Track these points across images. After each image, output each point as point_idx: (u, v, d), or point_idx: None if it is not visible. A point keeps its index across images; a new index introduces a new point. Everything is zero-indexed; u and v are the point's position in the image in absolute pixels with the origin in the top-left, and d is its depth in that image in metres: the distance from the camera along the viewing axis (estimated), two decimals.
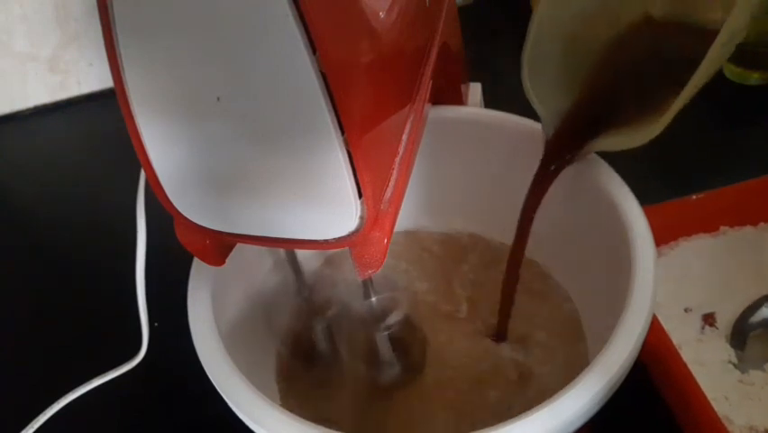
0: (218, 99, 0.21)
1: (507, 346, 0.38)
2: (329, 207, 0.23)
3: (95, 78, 0.69)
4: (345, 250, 0.25)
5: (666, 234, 0.42)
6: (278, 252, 0.37)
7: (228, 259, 0.29)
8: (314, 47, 0.20)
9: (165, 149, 0.23)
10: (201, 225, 0.26)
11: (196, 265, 0.32)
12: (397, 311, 0.34)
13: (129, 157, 0.24)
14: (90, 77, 0.69)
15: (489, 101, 0.48)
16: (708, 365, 0.37)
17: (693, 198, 0.42)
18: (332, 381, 0.37)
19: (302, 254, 0.35)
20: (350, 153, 0.22)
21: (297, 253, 0.35)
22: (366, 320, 0.34)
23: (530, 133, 0.35)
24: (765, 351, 0.37)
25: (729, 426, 0.34)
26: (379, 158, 0.25)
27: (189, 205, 0.25)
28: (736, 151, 0.52)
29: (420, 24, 0.31)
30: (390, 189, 0.26)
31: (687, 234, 0.43)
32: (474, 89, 0.47)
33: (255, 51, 0.20)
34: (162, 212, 0.26)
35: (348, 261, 0.26)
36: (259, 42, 0.20)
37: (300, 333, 0.38)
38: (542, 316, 0.38)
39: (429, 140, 0.33)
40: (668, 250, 0.42)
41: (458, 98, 0.43)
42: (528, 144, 0.34)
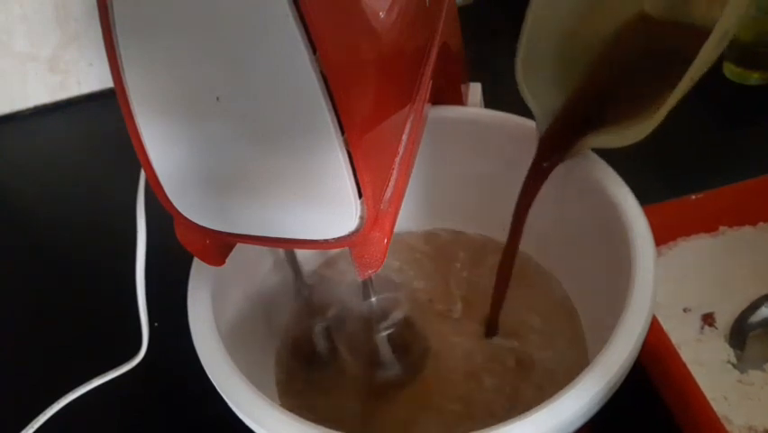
0: (218, 99, 0.21)
1: (504, 340, 0.38)
2: (329, 207, 0.23)
3: (95, 78, 0.69)
4: (345, 250, 0.25)
5: (665, 234, 0.42)
6: (278, 252, 0.37)
7: (228, 259, 0.29)
8: (314, 47, 0.20)
9: (165, 149, 0.23)
10: (201, 225, 0.26)
11: (196, 265, 0.32)
12: (396, 311, 0.34)
13: (129, 157, 0.24)
14: (90, 77, 0.69)
15: (489, 101, 0.48)
16: (708, 365, 0.37)
17: (692, 197, 0.42)
18: (331, 381, 0.37)
19: (302, 254, 0.35)
20: (350, 153, 0.22)
21: (297, 253, 0.35)
22: (366, 320, 0.34)
23: (530, 133, 0.35)
24: (764, 351, 0.37)
25: (728, 426, 0.34)
26: (379, 158, 0.25)
27: (189, 205, 0.25)
28: (736, 151, 0.52)
29: (420, 24, 0.31)
30: (390, 189, 0.26)
31: (686, 234, 0.43)
32: (474, 89, 0.47)
33: (255, 51, 0.20)
34: (162, 212, 0.26)
35: (348, 261, 0.26)
36: (259, 42, 0.20)
37: (300, 333, 0.38)
38: (540, 311, 0.39)
39: (429, 140, 0.33)
40: (667, 250, 0.42)
41: (458, 98, 0.43)
42: (528, 144, 0.34)
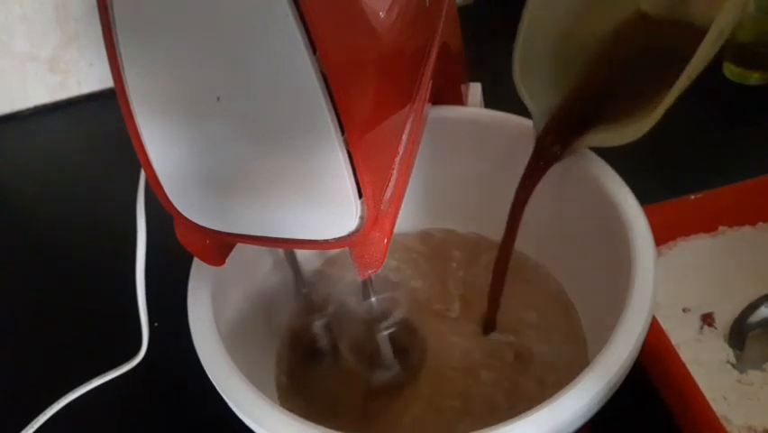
0: (218, 99, 0.21)
1: (502, 336, 0.38)
2: (329, 207, 0.23)
3: (95, 78, 0.69)
4: (345, 250, 0.25)
5: (665, 234, 0.42)
6: (278, 252, 0.37)
7: (228, 259, 0.29)
8: (314, 47, 0.20)
9: (165, 149, 0.23)
10: (201, 225, 0.26)
11: (196, 265, 0.32)
12: (396, 311, 0.34)
13: (129, 157, 0.24)
14: (90, 77, 0.69)
15: (489, 101, 0.48)
16: (707, 365, 0.37)
17: (692, 197, 0.42)
18: (332, 380, 0.37)
19: (302, 254, 0.35)
20: (350, 153, 0.22)
21: (297, 253, 0.35)
22: (366, 320, 0.34)
23: (530, 133, 0.35)
24: (764, 351, 0.37)
25: (728, 426, 0.34)
26: (379, 158, 0.25)
27: (189, 205, 0.25)
28: (736, 151, 0.52)
29: (420, 24, 0.31)
30: (390, 189, 0.26)
31: (685, 234, 0.43)
32: (474, 89, 0.47)
33: (255, 51, 0.20)
34: (162, 212, 0.26)
35: (348, 261, 0.26)
36: (259, 42, 0.20)
37: (300, 333, 0.38)
38: (537, 307, 0.39)
39: (429, 140, 0.33)
40: (666, 250, 0.42)
41: (458, 98, 0.43)
42: (528, 144, 0.34)
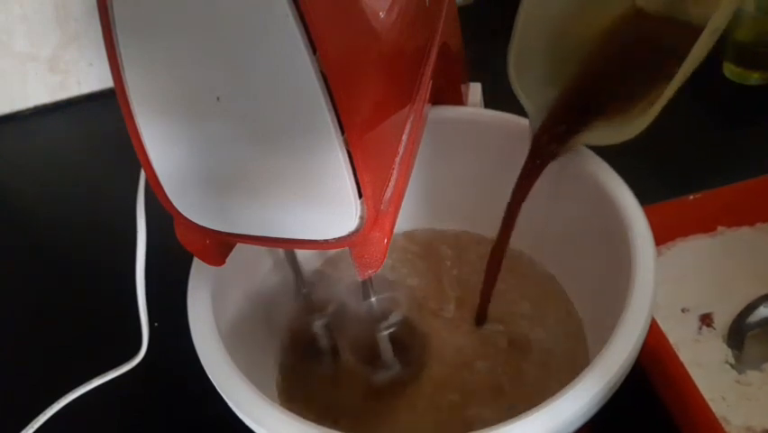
0: (218, 99, 0.21)
1: (498, 329, 0.38)
2: (329, 207, 0.23)
3: (95, 78, 0.69)
4: (345, 250, 0.25)
5: (663, 235, 0.42)
6: (278, 252, 0.37)
7: (228, 259, 0.29)
8: (314, 47, 0.20)
9: (165, 149, 0.23)
10: (201, 225, 0.26)
11: (196, 265, 0.32)
12: (396, 311, 0.34)
13: (129, 157, 0.24)
14: (90, 77, 0.69)
15: (489, 101, 0.48)
16: (706, 366, 0.37)
17: (690, 198, 0.42)
18: (332, 380, 0.37)
19: (302, 254, 0.35)
20: (350, 153, 0.22)
21: (297, 253, 0.35)
22: (366, 320, 0.34)
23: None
24: (763, 351, 0.37)
25: (727, 426, 0.34)
26: (380, 158, 0.25)
27: (189, 205, 0.25)
28: (736, 151, 0.52)
29: (420, 24, 0.31)
30: (390, 189, 0.26)
31: (684, 235, 0.43)
32: (474, 89, 0.47)
33: (255, 51, 0.20)
34: (162, 212, 0.26)
35: (348, 261, 0.26)
36: (259, 42, 0.20)
37: (300, 333, 0.38)
38: (532, 299, 0.39)
39: (429, 140, 0.33)
40: (665, 250, 0.42)
41: (458, 98, 0.43)
42: (528, 144, 0.34)
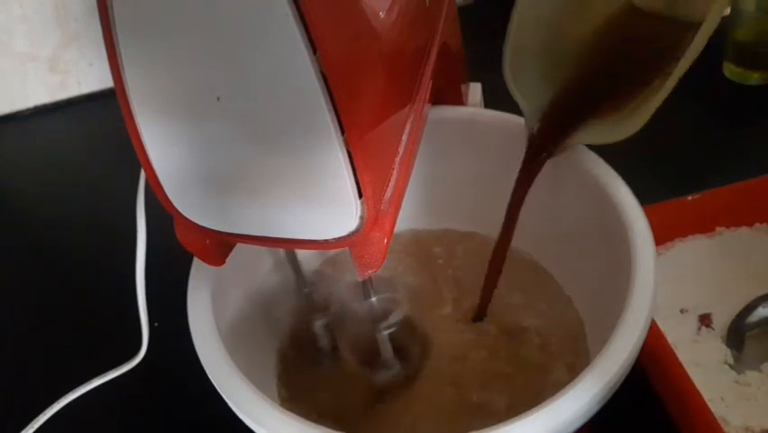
0: (218, 99, 0.21)
1: (498, 327, 0.38)
2: (329, 207, 0.23)
3: (95, 78, 0.69)
4: (345, 250, 0.25)
5: (662, 235, 0.42)
6: (278, 252, 0.37)
7: (228, 259, 0.29)
8: (314, 47, 0.20)
9: (165, 149, 0.23)
10: (201, 225, 0.26)
11: (196, 265, 0.32)
12: (397, 311, 0.34)
13: (129, 157, 0.24)
14: (90, 77, 0.69)
15: (489, 101, 0.48)
16: (705, 366, 0.37)
17: (689, 198, 0.42)
18: (332, 380, 0.37)
19: (302, 254, 0.35)
20: (350, 153, 0.22)
21: (297, 252, 0.35)
22: (366, 320, 0.34)
23: None
24: (761, 351, 0.37)
25: (725, 427, 0.34)
26: (380, 158, 0.25)
27: (189, 205, 0.25)
28: (736, 151, 0.52)
29: (420, 24, 0.31)
30: (390, 189, 0.26)
31: (683, 235, 0.43)
32: (474, 89, 0.47)
33: (255, 51, 0.20)
34: (162, 212, 0.26)
35: (348, 261, 0.26)
36: (259, 42, 0.20)
37: (300, 333, 0.38)
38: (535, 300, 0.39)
39: (429, 140, 0.33)
40: (664, 250, 0.42)
41: (458, 98, 0.43)
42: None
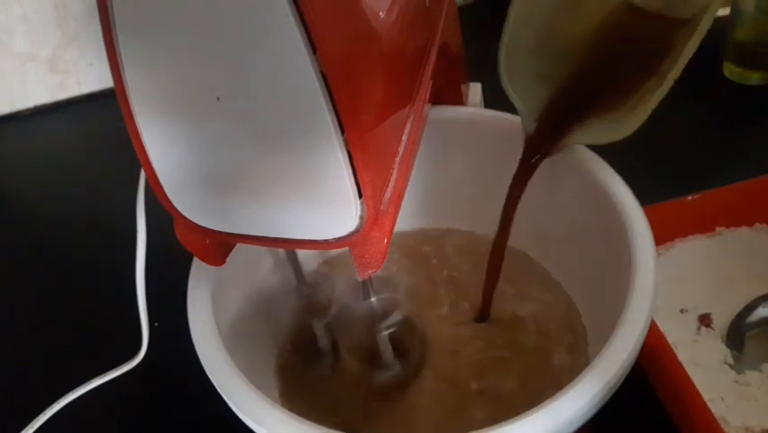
0: (218, 99, 0.21)
1: (498, 326, 0.38)
2: (329, 207, 0.23)
3: (95, 78, 0.69)
4: (345, 250, 0.25)
5: (662, 235, 0.42)
6: (278, 252, 0.37)
7: (228, 259, 0.29)
8: (314, 47, 0.20)
9: (165, 149, 0.23)
10: (201, 225, 0.26)
11: (196, 265, 0.32)
12: (396, 311, 0.34)
13: (129, 157, 0.24)
14: (90, 77, 0.69)
15: (489, 101, 0.48)
16: (705, 366, 0.37)
17: (689, 198, 0.42)
18: (332, 380, 0.37)
19: (302, 254, 0.35)
20: (350, 153, 0.22)
21: (297, 252, 0.35)
22: (366, 320, 0.34)
23: None
24: (761, 351, 0.37)
25: (725, 427, 0.34)
26: (379, 158, 0.25)
27: (189, 205, 0.25)
28: (736, 151, 0.52)
29: (420, 24, 0.31)
30: (390, 189, 0.26)
31: (683, 235, 0.43)
32: (474, 89, 0.47)
33: (255, 51, 0.20)
34: (162, 212, 0.26)
35: (348, 261, 0.26)
36: (259, 42, 0.20)
37: (300, 333, 0.38)
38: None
39: (429, 140, 0.33)
40: (664, 250, 0.42)
41: (458, 98, 0.43)
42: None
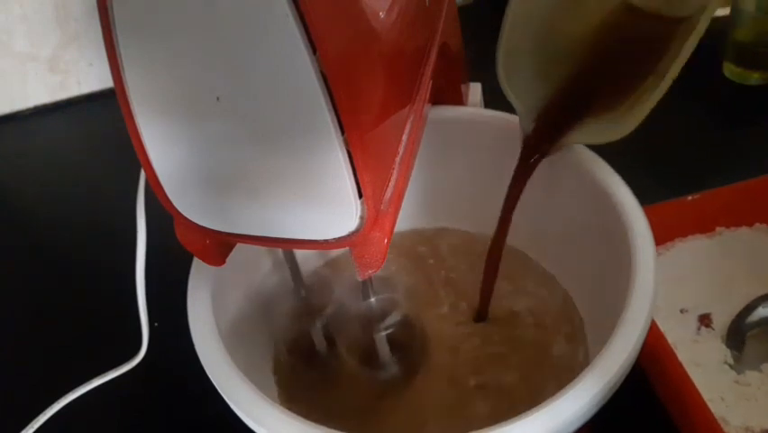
0: (218, 99, 0.21)
1: (496, 324, 0.38)
2: (329, 207, 0.23)
3: (95, 78, 0.69)
4: (345, 250, 0.25)
5: (662, 235, 0.42)
6: (277, 252, 0.37)
7: (228, 259, 0.29)
8: (314, 47, 0.20)
9: (165, 149, 0.23)
10: (201, 225, 0.26)
11: (196, 265, 0.32)
12: (396, 311, 0.34)
13: (129, 157, 0.24)
14: (90, 77, 0.69)
15: (489, 101, 0.48)
16: (705, 366, 0.37)
17: (689, 198, 0.42)
18: (331, 380, 0.37)
19: (301, 255, 0.35)
20: (350, 153, 0.22)
21: (297, 253, 0.35)
22: (365, 320, 0.34)
23: None
24: (761, 351, 0.37)
25: (725, 426, 0.34)
26: (380, 158, 0.25)
27: (189, 205, 0.25)
28: (736, 151, 0.52)
29: (420, 24, 0.31)
30: (390, 189, 0.26)
31: (683, 235, 0.43)
32: (474, 89, 0.47)
33: (255, 51, 0.20)
34: (162, 212, 0.26)
35: (347, 261, 0.26)
36: (259, 42, 0.20)
37: (300, 333, 0.38)
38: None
39: (429, 140, 0.33)
40: (664, 250, 0.42)
41: (458, 98, 0.43)
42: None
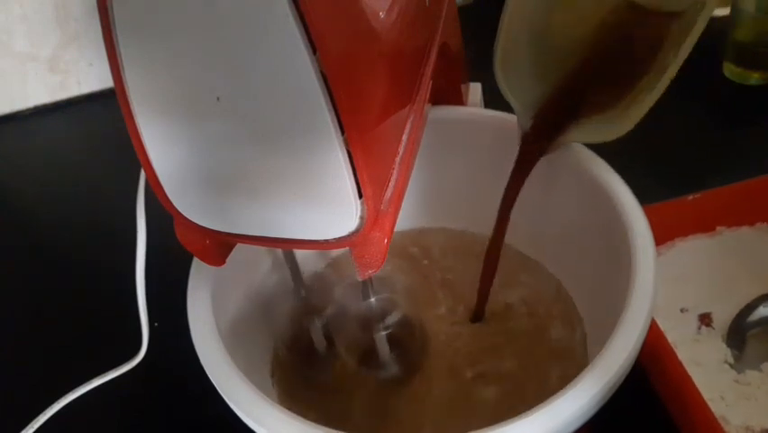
0: (218, 99, 0.21)
1: (494, 323, 0.39)
2: (329, 207, 0.23)
3: (95, 78, 0.69)
4: (345, 251, 0.25)
5: (663, 235, 0.42)
6: (277, 252, 0.37)
7: (228, 259, 0.29)
8: (314, 47, 0.20)
9: (165, 149, 0.23)
10: (201, 225, 0.26)
11: (196, 265, 0.32)
12: (396, 311, 0.34)
13: (129, 157, 0.24)
14: (90, 77, 0.69)
15: (489, 101, 0.48)
16: (705, 365, 0.37)
17: (690, 198, 0.42)
18: (331, 380, 0.37)
19: (301, 254, 0.35)
20: (350, 153, 0.22)
21: (297, 253, 0.35)
22: (365, 320, 0.34)
23: None
24: (762, 351, 0.37)
25: (726, 426, 0.34)
26: (380, 158, 0.25)
27: (189, 205, 0.25)
28: (736, 151, 0.52)
29: (420, 24, 0.31)
30: (390, 189, 0.26)
31: (683, 235, 0.43)
32: (474, 89, 0.47)
33: (255, 51, 0.20)
34: (162, 212, 0.26)
35: (347, 261, 0.26)
36: (259, 42, 0.20)
37: (300, 333, 0.38)
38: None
39: (429, 140, 0.33)
40: (664, 250, 0.42)
41: (458, 98, 0.43)
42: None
